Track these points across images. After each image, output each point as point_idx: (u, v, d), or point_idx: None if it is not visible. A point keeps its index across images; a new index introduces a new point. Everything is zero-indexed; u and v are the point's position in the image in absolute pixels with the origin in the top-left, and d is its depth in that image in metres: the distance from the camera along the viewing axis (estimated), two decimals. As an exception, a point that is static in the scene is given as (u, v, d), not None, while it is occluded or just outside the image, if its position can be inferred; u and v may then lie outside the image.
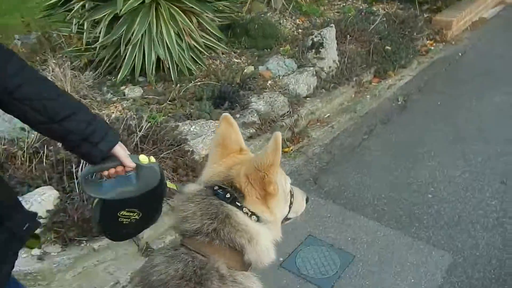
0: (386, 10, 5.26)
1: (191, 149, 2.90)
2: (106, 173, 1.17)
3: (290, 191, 1.25)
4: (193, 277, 0.99)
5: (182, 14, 3.45)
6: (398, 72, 4.63)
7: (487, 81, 4.32)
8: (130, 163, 1.17)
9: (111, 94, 3.51)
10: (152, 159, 1.24)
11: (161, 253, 1.07)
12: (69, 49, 3.70)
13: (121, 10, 3.16)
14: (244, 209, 1.08)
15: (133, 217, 1.26)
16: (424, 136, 3.47)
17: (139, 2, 3.20)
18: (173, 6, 3.47)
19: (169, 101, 3.43)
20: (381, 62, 4.52)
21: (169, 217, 1.31)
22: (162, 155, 2.74)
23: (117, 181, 1.20)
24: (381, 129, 3.60)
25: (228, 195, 1.08)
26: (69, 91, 3.22)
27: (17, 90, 0.97)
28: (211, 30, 3.81)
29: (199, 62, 3.83)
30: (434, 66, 4.85)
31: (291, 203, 1.25)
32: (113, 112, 3.27)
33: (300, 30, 4.84)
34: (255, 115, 3.36)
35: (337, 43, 4.28)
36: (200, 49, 3.75)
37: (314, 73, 3.98)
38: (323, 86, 4.00)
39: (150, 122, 3.09)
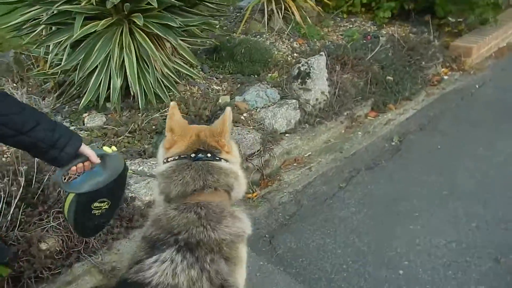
0: (396, 33, 4.77)
1: (131, 195, 2.58)
2: (74, 168, 1.32)
3: None
4: (213, 217, 1.29)
5: (148, 40, 3.14)
6: (401, 105, 4.16)
7: (503, 124, 3.76)
8: (95, 159, 1.34)
9: (69, 122, 3.25)
10: (114, 148, 1.43)
11: (170, 210, 1.31)
12: (35, 72, 3.47)
13: (76, 35, 2.90)
14: (222, 160, 1.40)
15: (104, 207, 1.41)
16: (412, 189, 3.00)
17: (98, 27, 2.91)
18: (139, 31, 3.17)
19: (129, 132, 3.14)
20: (381, 94, 4.07)
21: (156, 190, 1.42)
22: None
23: (86, 175, 1.35)
24: (364, 176, 3.15)
25: (209, 155, 1.38)
26: None
27: None
28: (185, 56, 3.49)
29: (173, 90, 3.52)
30: (444, 100, 4.33)
31: None
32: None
33: (295, 54, 4.46)
34: (217, 155, 3.00)
35: (330, 72, 3.87)
36: (172, 76, 3.43)
37: (297, 106, 3.58)
38: (306, 121, 3.59)
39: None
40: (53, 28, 3.10)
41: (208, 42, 3.78)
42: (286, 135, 3.46)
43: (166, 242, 1.24)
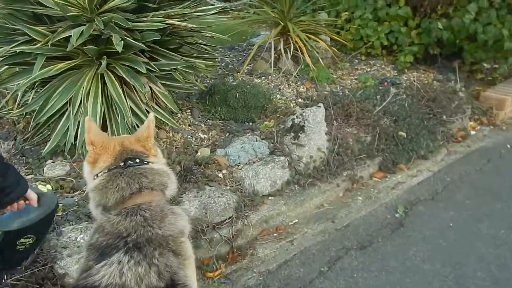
0: (416, 81, 4.25)
1: (61, 271, 2.20)
2: (9, 208, 1.39)
3: None
4: (157, 217, 1.36)
5: (116, 84, 2.83)
6: (414, 166, 3.62)
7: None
8: (35, 204, 1.46)
9: (26, 169, 2.95)
10: (49, 187, 1.64)
11: (113, 217, 1.34)
12: (3, 111, 3.23)
13: (33, 77, 2.62)
14: (150, 163, 1.48)
15: (28, 243, 1.47)
16: (408, 281, 2.45)
17: (53, 71, 2.63)
18: (109, 75, 2.86)
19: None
20: (391, 152, 3.55)
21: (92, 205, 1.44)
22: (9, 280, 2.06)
23: (16, 213, 1.40)
24: (353, 259, 2.64)
25: (137, 160, 1.46)
26: None
27: None
28: (164, 102, 3.14)
29: (151, 136, 3.17)
30: (467, 161, 3.75)
31: None
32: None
33: (300, 100, 4.03)
34: (179, 221, 2.59)
35: (332, 124, 3.41)
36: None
37: (287, 164, 3.13)
38: (296, 182, 3.13)
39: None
40: (17, 68, 2.84)
41: (191, 86, 3.42)
42: (269, 198, 3.01)
43: (115, 246, 1.28)
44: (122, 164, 1.43)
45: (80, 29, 2.55)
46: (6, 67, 2.88)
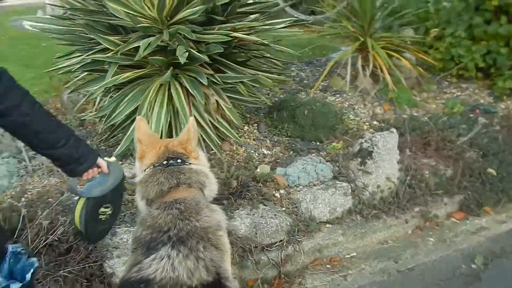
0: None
1: (111, 270, 2.24)
2: (85, 174, 1.49)
3: None
4: (193, 210, 1.46)
5: (181, 94, 2.85)
6: (504, 210, 3.14)
7: None
8: (106, 170, 1.54)
9: (95, 171, 3.09)
10: (114, 158, 1.64)
11: (153, 210, 1.46)
12: (84, 114, 3.43)
13: (105, 84, 2.74)
14: (191, 164, 1.60)
15: (108, 213, 1.58)
16: None
17: (120, 79, 2.72)
18: (175, 84, 2.89)
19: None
20: (476, 191, 3.12)
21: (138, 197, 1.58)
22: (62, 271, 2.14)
23: (96, 182, 1.53)
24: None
25: (179, 160, 1.58)
26: None
27: (30, 125, 1.24)
28: (229, 115, 3.10)
29: (213, 148, 3.15)
30: None
31: None
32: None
33: (375, 123, 3.76)
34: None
35: (405, 153, 3.12)
36: (211, 133, 3.07)
37: (350, 191, 2.90)
38: (359, 211, 2.88)
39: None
40: (94, 74, 3.00)
41: (256, 100, 3.34)
42: (327, 225, 2.80)
43: (160, 241, 1.36)
44: (164, 162, 1.56)
45: (149, 40, 2.61)
46: (86, 73, 3.05)
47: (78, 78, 3.14)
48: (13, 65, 5.57)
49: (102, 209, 1.57)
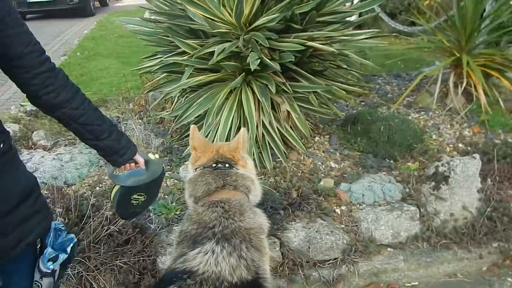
0: None
1: (163, 266, 2.33)
2: (122, 168, 1.62)
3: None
4: (236, 210, 1.53)
5: (250, 100, 2.88)
6: None
7: None
8: (142, 166, 1.66)
9: (165, 166, 3.24)
10: (157, 156, 1.77)
11: (198, 207, 1.57)
12: (161, 113, 3.63)
13: (180, 85, 2.88)
14: (238, 169, 1.67)
15: (141, 200, 1.71)
16: None
17: (192, 82, 2.82)
18: (246, 90, 2.94)
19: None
20: None
21: (187, 194, 1.71)
22: (118, 261, 2.28)
23: (131, 173, 1.66)
24: None
25: (227, 165, 1.66)
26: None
27: (80, 117, 1.38)
28: (298, 124, 3.07)
29: (280, 157, 3.14)
30: None
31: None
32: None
33: (460, 145, 3.46)
34: (277, 249, 2.48)
35: (487, 182, 2.82)
36: (277, 142, 3.07)
37: (417, 215, 2.70)
38: (427, 239, 2.67)
39: (161, 213, 2.71)
40: (172, 75, 3.16)
41: (327, 112, 3.24)
42: (387, 249, 2.63)
43: (206, 236, 1.46)
44: (213, 165, 1.66)
45: (224, 45, 2.68)
46: (165, 74, 3.23)
47: (158, 78, 3.33)
48: (114, 61, 6.11)
49: (135, 196, 1.70)
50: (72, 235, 1.43)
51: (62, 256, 1.36)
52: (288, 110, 3.08)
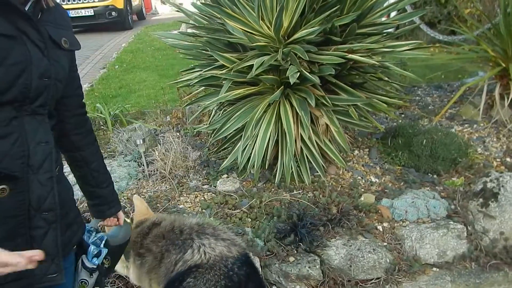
0: None
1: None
2: (102, 223, 1.63)
3: None
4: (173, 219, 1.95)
5: (289, 113, 2.85)
6: None
7: None
8: (122, 222, 1.65)
9: (203, 180, 3.25)
10: (128, 220, 1.72)
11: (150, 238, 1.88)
12: (198, 126, 3.65)
13: (217, 99, 2.88)
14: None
15: (105, 265, 1.56)
16: None
17: (230, 96, 2.82)
18: (285, 103, 2.91)
19: (249, 206, 2.90)
20: None
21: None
22: None
23: (108, 234, 1.60)
24: None
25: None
26: (170, 161, 3.20)
27: (93, 163, 1.46)
28: (337, 138, 3.01)
29: (318, 171, 3.08)
30: None
31: None
32: (185, 202, 3.00)
33: (508, 160, 3.30)
34: (318, 267, 2.42)
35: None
36: (316, 156, 3.01)
37: (465, 234, 2.58)
38: (475, 259, 2.54)
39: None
40: (211, 89, 3.17)
41: (367, 125, 3.16)
42: (433, 269, 2.52)
43: (184, 239, 1.73)
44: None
45: (262, 59, 2.66)
46: (203, 87, 3.24)
47: (197, 91, 3.35)
48: (152, 74, 6.23)
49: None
50: (102, 233, 1.50)
51: (104, 251, 1.45)
52: (326, 124, 3.02)
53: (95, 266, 1.41)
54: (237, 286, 1.59)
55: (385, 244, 2.57)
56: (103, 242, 1.47)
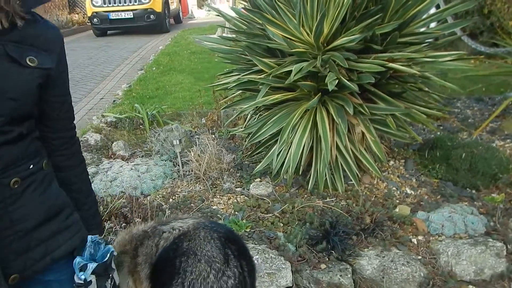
0: None
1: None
2: None
3: None
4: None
5: (325, 120, 2.84)
6: None
7: None
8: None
9: (236, 182, 3.27)
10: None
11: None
12: (234, 129, 3.68)
13: (254, 103, 2.91)
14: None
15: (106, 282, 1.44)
16: None
17: (268, 101, 2.84)
18: (321, 109, 2.90)
19: (281, 211, 2.90)
20: None
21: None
22: None
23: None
24: None
25: None
26: (205, 163, 3.24)
27: (74, 185, 1.38)
28: (373, 147, 2.98)
29: (352, 180, 3.06)
30: None
31: None
32: (219, 203, 3.04)
33: (553, 177, 3.16)
34: (349, 276, 2.39)
35: None
36: (351, 164, 2.99)
37: (504, 252, 2.49)
38: (515, 279, 2.45)
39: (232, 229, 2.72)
40: (247, 93, 3.20)
41: (404, 135, 3.10)
42: (469, 286, 2.44)
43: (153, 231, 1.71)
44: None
45: (301, 65, 2.67)
46: (240, 91, 3.28)
47: (234, 95, 3.39)
48: (187, 76, 6.34)
49: None
50: (110, 246, 1.38)
51: (91, 265, 1.28)
52: (363, 132, 3.00)
53: (81, 281, 1.27)
54: (227, 238, 1.58)
55: (419, 257, 2.52)
56: (108, 255, 1.33)
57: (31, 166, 1.18)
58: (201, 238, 1.56)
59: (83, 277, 1.25)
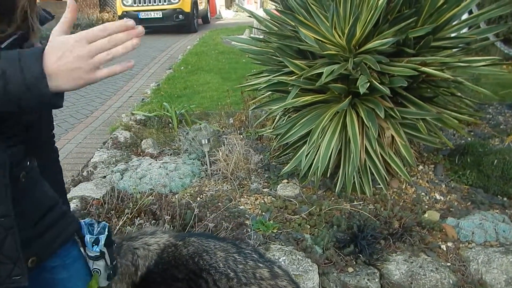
0: None
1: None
2: None
3: None
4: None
5: (355, 123, 2.83)
6: None
7: None
8: None
9: (263, 183, 3.29)
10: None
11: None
12: (262, 129, 3.71)
13: (284, 105, 2.92)
14: None
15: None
16: None
17: (298, 102, 2.85)
18: (351, 112, 2.90)
19: (309, 213, 2.91)
20: None
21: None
22: None
23: None
24: None
25: None
26: (233, 163, 3.27)
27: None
28: (402, 151, 2.95)
29: (380, 184, 3.04)
30: None
31: None
32: (246, 203, 3.07)
33: None
34: (377, 280, 2.38)
35: None
36: (379, 168, 2.97)
37: (537, 264, 2.43)
38: (547, 290, 2.39)
39: (258, 229, 2.75)
40: (276, 94, 3.22)
41: (435, 141, 3.06)
42: (500, 296, 2.40)
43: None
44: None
45: (332, 67, 2.67)
46: (270, 92, 3.30)
47: (263, 96, 3.41)
48: (215, 76, 6.40)
49: None
50: (104, 222, 1.46)
51: (102, 237, 1.42)
52: (392, 136, 2.97)
53: (97, 253, 1.40)
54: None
55: (448, 264, 2.49)
56: (106, 228, 1.44)
57: (29, 163, 1.22)
58: (198, 241, 1.64)
59: (97, 249, 1.38)
